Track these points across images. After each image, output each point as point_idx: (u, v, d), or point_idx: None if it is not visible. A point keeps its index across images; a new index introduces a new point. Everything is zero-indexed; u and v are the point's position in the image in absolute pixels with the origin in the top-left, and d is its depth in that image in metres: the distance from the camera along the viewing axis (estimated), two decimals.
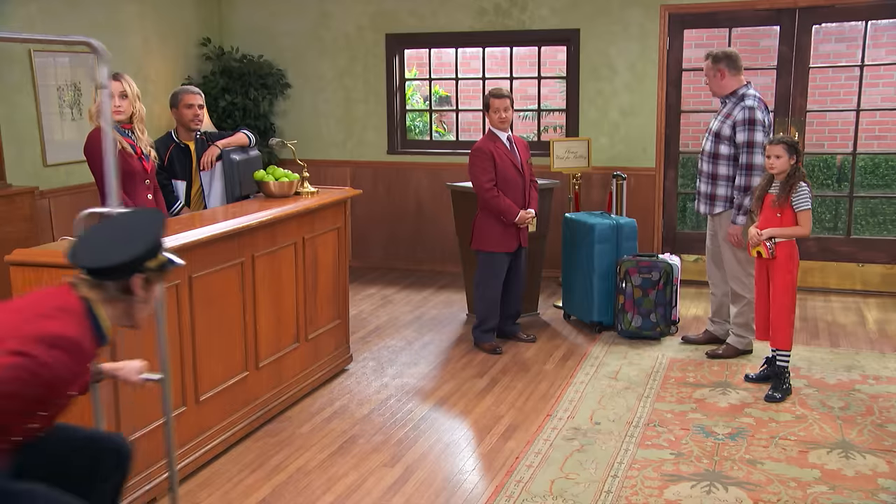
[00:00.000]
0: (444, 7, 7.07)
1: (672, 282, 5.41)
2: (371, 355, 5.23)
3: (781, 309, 4.40)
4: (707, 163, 4.96)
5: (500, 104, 5.07)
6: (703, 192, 5.03)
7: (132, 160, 4.03)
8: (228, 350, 3.87)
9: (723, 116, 4.90)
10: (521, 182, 5.13)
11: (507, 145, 5.13)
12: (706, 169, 4.97)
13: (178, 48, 7.14)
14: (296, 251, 4.37)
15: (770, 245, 4.39)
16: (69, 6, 5.98)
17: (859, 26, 6.65)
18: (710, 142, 4.94)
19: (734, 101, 4.87)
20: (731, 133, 4.82)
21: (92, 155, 3.94)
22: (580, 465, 3.68)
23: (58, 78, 5.92)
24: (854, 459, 3.70)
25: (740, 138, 4.78)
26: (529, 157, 5.28)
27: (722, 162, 4.88)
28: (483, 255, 5.19)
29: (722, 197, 4.92)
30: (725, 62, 4.85)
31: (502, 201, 5.02)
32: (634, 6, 6.61)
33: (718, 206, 4.94)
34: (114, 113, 4.56)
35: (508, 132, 5.17)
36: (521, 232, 5.16)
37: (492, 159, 5.04)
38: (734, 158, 4.85)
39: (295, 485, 3.56)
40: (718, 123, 4.91)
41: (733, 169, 4.86)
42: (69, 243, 2.48)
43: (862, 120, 6.70)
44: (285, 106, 7.65)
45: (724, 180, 4.90)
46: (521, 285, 5.41)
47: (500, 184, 5.06)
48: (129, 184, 3.98)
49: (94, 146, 3.91)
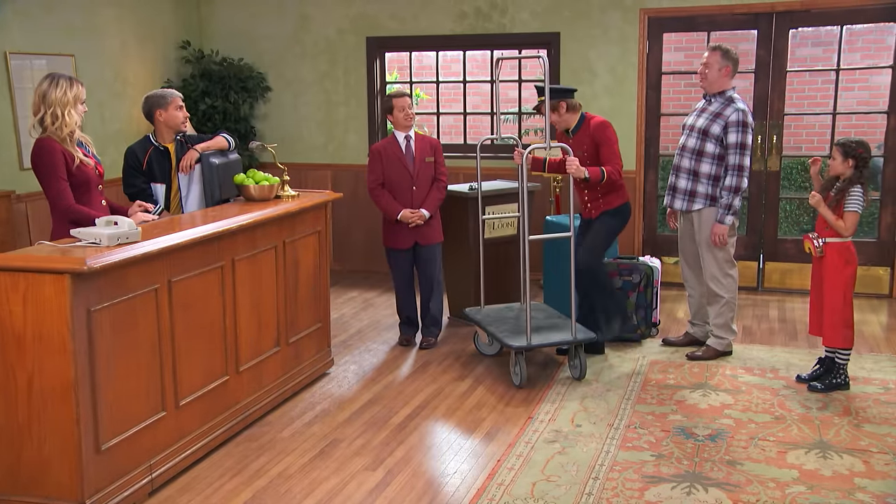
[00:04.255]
0: (425, 10, 7.08)
1: (652, 284, 5.44)
2: (352, 359, 5.22)
3: (834, 308, 4.45)
4: (689, 159, 4.95)
5: (403, 103, 5.20)
6: (681, 188, 5.02)
7: (88, 169, 3.89)
8: (208, 354, 3.85)
9: (710, 115, 4.90)
10: (409, 182, 5.21)
11: (403, 145, 5.22)
12: (687, 165, 4.97)
13: (156, 51, 7.10)
14: (276, 255, 4.36)
15: (818, 244, 4.46)
16: (46, 10, 5.93)
17: (835, 31, 6.73)
18: (694, 139, 4.93)
19: (722, 102, 4.89)
20: (720, 132, 4.84)
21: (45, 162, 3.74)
22: (561, 467, 3.69)
23: (34, 81, 5.83)
24: (832, 459, 3.73)
25: (732, 139, 4.81)
26: (432, 156, 5.30)
27: (706, 160, 4.90)
28: (385, 249, 5.42)
29: (702, 194, 4.94)
30: (732, 62, 4.90)
31: (382, 200, 5.22)
32: (614, 10, 6.65)
33: (698, 203, 4.96)
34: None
35: (410, 132, 5.26)
36: (418, 230, 5.24)
37: (380, 160, 5.22)
38: (719, 157, 4.88)
39: (276, 489, 3.55)
40: (706, 121, 4.90)
41: (716, 168, 4.89)
42: None
43: (838, 123, 6.77)
44: (266, 109, 7.63)
45: (705, 178, 4.92)
46: (431, 290, 5.40)
47: (387, 183, 5.23)
48: (85, 193, 3.88)
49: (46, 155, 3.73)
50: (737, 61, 4.92)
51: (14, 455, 3.18)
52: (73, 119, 3.77)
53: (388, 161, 5.22)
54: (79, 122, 3.83)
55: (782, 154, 6.64)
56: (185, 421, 3.71)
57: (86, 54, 6.26)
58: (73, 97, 3.77)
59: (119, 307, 3.27)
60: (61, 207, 3.80)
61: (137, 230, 3.41)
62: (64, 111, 3.73)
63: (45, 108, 3.73)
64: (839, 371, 4.53)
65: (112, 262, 3.14)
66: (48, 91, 3.73)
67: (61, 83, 3.75)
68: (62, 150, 3.77)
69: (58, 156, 3.74)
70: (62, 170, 3.76)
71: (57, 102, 3.72)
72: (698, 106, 5.06)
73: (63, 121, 3.73)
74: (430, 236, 5.32)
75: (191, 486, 3.58)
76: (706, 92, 4.98)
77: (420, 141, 5.29)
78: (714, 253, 4.95)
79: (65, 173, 3.77)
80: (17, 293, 3.07)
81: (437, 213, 5.36)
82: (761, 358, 5.08)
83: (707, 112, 4.94)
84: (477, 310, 5.28)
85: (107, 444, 3.25)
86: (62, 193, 3.78)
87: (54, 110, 3.72)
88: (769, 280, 6.75)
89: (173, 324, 3.59)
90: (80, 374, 3.09)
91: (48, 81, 3.76)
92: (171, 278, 3.55)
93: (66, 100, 3.74)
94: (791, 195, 7.77)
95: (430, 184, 5.30)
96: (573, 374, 4.75)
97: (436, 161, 5.32)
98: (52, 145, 3.74)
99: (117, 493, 3.30)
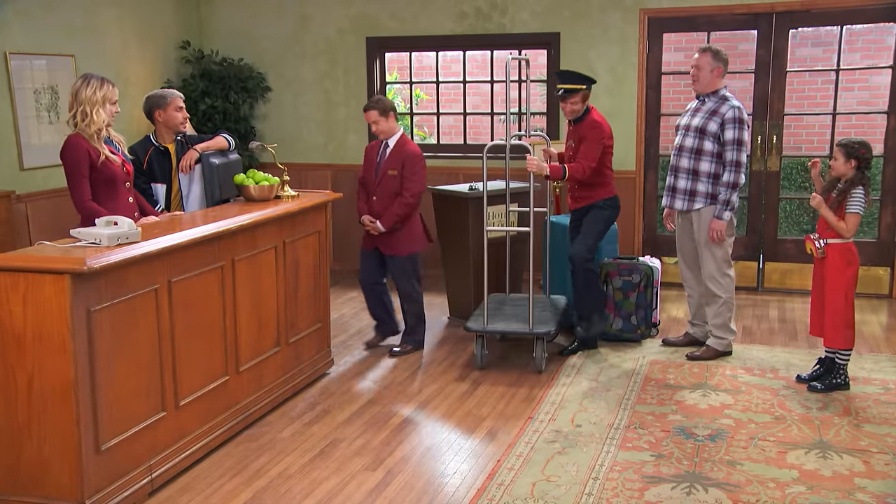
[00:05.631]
0: (425, 10, 7.08)
1: (652, 284, 5.44)
2: (352, 359, 5.22)
3: (835, 309, 4.45)
4: (688, 159, 4.97)
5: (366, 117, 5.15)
6: (680, 187, 5.03)
7: (115, 166, 4.01)
8: (208, 354, 3.85)
9: (706, 113, 4.92)
10: (371, 190, 5.21)
11: (380, 151, 5.20)
12: (686, 165, 4.98)
13: (157, 51, 7.10)
14: (276, 255, 4.36)
15: (819, 244, 4.45)
16: (46, 10, 5.92)
17: (835, 31, 6.73)
18: (691, 138, 4.95)
19: (716, 100, 4.92)
20: (717, 130, 4.86)
21: (68, 159, 3.89)
22: (561, 467, 3.69)
23: (34, 81, 5.86)
24: (832, 460, 3.73)
25: (729, 136, 4.84)
26: (396, 170, 5.09)
27: (705, 158, 4.92)
28: None
29: (703, 193, 4.96)
30: (723, 63, 4.93)
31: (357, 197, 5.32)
32: (614, 10, 6.65)
33: (698, 202, 4.97)
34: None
35: (392, 139, 5.16)
36: (380, 237, 5.17)
37: (364, 159, 5.32)
38: (717, 155, 4.90)
39: (276, 490, 3.55)
40: (702, 120, 4.92)
41: (715, 166, 4.91)
42: None
43: (838, 123, 6.77)
44: (266, 109, 7.63)
45: (705, 177, 4.93)
46: (403, 300, 5.33)
47: (360, 185, 5.32)
48: (111, 189, 3.99)
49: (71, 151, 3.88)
50: (727, 61, 4.95)
51: (14, 455, 3.18)
52: (101, 118, 3.91)
53: (366, 162, 5.28)
54: (107, 120, 3.96)
55: (782, 154, 6.64)
56: (185, 421, 3.71)
57: (86, 54, 6.26)
58: (102, 97, 3.91)
59: (119, 307, 3.27)
60: (78, 204, 3.94)
61: (137, 230, 3.42)
62: (92, 109, 3.88)
63: (76, 106, 3.89)
64: (839, 371, 4.53)
65: (112, 262, 3.14)
66: (80, 89, 3.89)
67: (92, 83, 3.91)
68: (88, 147, 3.90)
69: (82, 153, 3.88)
70: (85, 167, 3.90)
71: (87, 101, 3.88)
72: (691, 106, 5.09)
73: (91, 118, 3.88)
74: (393, 246, 5.17)
75: (191, 487, 3.58)
76: (699, 93, 5.01)
77: (395, 151, 5.12)
78: (713, 252, 4.96)
79: (87, 171, 3.91)
80: (17, 293, 3.07)
81: (404, 226, 5.16)
82: (761, 358, 5.08)
83: (702, 111, 4.97)
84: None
85: (107, 444, 3.25)
86: (80, 190, 3.91)
87: (84, 108, 3.88)
88: (769, 280, 6.76)
89: (173, 324, 3.59)
90: (80, 374, 3.09)
91: (81, 80, 3.93)
92: (171, 278, 3.56)
93: (96, 99, 3.89)
94: (791, 195, 7.76)
95: (393, 197, 5.11)
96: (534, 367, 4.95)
97: (402, 176, 5.08)
98: (79, 142, 3.89)
99: (117, 493, 3.30)
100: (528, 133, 5.22)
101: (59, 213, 5.89)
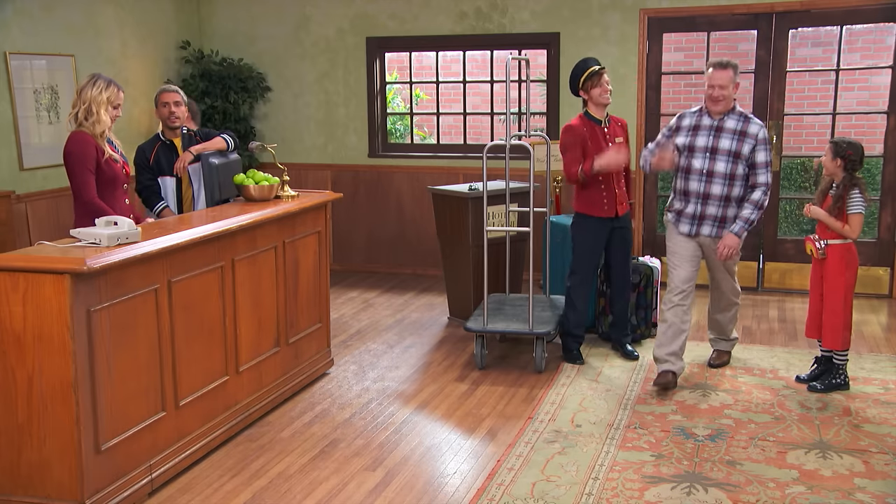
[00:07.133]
0: (425, 11, 7.08)
1: (652, 284, 5.44)
2: (352, 359, 5.22)
3: (834, 311, 4.44)
4: (721, 185, 4.52)
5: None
6: (710, 214, 4.57)
7: (116, 167, 4.05)
8: (208, 354, 3.85)
9: (734, 135, 4.51)
10: None
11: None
12: (719, 192, 4.53)
13: (157, 51, 7.10)
14: (276, 255, 4.36)
15: (820, 245, 4.45)
16: (46, 10, 5.93)
17: (835, 31, 6.73)
18: (723, 162, 4.50)
19: (737, 118, 4.55)
20: (749, 152, 4.50)
21: (76, 153, 3.93)
22: (561, 467, 3.69)
23: (34, 81, 5.86)
24: (831, 459, 3.73)
25: (762, 158, 4.50)
26: None
27: (738, 183, 4.53)
28: None
29: (731, 218, 4.57)
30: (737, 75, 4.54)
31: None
32: (614, 10, 6.65)
33: (727, 227, 4.57)
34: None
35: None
36: None
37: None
38: (746, 178, 4.55)
39: (275, 490, 3.55)
40: (733, 143, 4.49)
41: (743, 189, 4.55)
42: None
43: (838, 123, 6.78)
44: (265, 109, 7.63)
45: (735, 202, 4.56)
46: None
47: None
48: (111, 190, 4.04)
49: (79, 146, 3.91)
50: None
51: (14, 455, 3.18)
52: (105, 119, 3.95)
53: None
54: (109, 123, 4.00)
55: (782, 154, 6.64)
56: (185, 421, 3.71)
57: (86, 54, 6.26)
58: (107, 98, 3.95)
59: (119, 307, 3.27)
60: (84, 199, 3.96)
61: (137, 230, 3.42)
62: (98, 109, 3.93)
63: (80, 104, 3.93)
64: (839, 371, 4.53)
65: (112, 262, 3.14)
66: (85, 88, 3.94)
67: (99, 83, 3.96)
68: (95, 144, 3.94)
69: (90, 148, 3.92)
70: (91, 163, 3.93)
71: (92, 100, 3.92)
72: (704, 124, 4.58)
73: (97, 117, 3.93)
74: None
75: (191, 487, 3.58)
76: (720, 114, 4.55)
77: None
78: (729, 268, 4.77)
79: (94, 167, 3.95)
80: (17, 293, 3.07)
81: None
82: (761, 358, 5.08)
83: (726, 131, 4.53)
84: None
85: (107, 444, 3.25)
86: (87, 185, 3.94)
87: (88, 106, 3.92)
88: (769, 280, 6.76)
89: (173, 324, 3.59)
90: (80, 374, 3.09)
91: (88, 79, 3.98)
92: (171, 278, 3.56)
93: (101, 99, 3.94)
94: (791, 195, 7.76)
95: None
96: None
97: None
98: (86, 138, 3.93)
99: (117, 493, 3.30)
100: (529, 133, 5.26)
101: (59, 213, 5.90)
